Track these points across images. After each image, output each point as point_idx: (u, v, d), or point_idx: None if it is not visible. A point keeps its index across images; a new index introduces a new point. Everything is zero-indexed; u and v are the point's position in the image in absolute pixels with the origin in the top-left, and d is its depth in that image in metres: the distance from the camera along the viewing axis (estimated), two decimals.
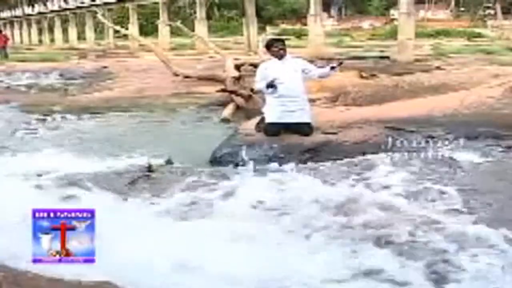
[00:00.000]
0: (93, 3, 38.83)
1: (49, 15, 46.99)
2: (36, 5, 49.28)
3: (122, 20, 38.85)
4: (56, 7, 44.61)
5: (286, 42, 6.05)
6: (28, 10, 51.73)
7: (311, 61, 6.71)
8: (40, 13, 48.86)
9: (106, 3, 37.59)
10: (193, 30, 27.27)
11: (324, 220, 3.39)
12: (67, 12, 42.90)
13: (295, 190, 3.94)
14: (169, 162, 5.09)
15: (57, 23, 45.18)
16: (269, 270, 2.76)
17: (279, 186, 4.08)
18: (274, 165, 4.84)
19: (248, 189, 4.05)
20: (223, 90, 9.26)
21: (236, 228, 3.29)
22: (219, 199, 3.88)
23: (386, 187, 3.96)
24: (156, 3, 32.98)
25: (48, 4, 46.26)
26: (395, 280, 2.70)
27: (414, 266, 2.81)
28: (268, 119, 5.71)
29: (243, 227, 3.32)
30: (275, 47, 5.79)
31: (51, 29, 47.41)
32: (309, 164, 4.82)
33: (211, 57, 18.92)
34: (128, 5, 35.18)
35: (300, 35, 35.43)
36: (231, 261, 2.82)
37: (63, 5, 43.19)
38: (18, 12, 54.20)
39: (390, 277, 2.73)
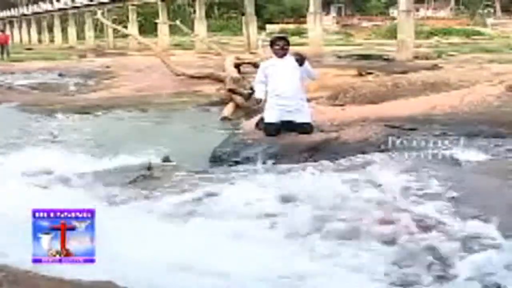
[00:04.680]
0: (92, 3, 38.77)
1: (48, 14, 46.97)
2: (37, 4, 49.22)
3: (121, 19, 38.81)
4: (56, 7, 44.57)
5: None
6: (27, 9, 51.68)
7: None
8: (39, 12, 48.80)
9: (105, 3, 37.53)
10: (192, 29, 27.26)
11: (323, 219, 3.38)
12: (67, 12, 42.88)
13: (294, 189, 3.93)
14: (166, 160, 5.09)
15: (57, 22, 45.16)
16: (268, 270, 2.76)
17: (279, 185, 4.07)
18: (274, 164, 4.83)
19: (248, 188, 4.05)
20: (226, 90, 9.29)
21: (236, 227, 3.29)
22: (219, 198, 3.88)
23: (386, 186, 3.96)
24: (155, 2, 32.95)
25: (48, 3, 46.21)
26: (395, 279, 2.70)
27: (414, 265, 2.80)
28: (267, 119, 5.70)
29: (242, 226, 3.32)
30: (277, 45, 5.75)
31: (50, 29, 47.38)
32: (309, 163, 4.81)
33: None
34: (128, 4, 35.16)
35: (300, 34, 35.39)
36: (230, 261, 2.82)
37: (63, 5, 43.17)
38: (17, 11, 54.17)
39: (390, 276, 2.73)
